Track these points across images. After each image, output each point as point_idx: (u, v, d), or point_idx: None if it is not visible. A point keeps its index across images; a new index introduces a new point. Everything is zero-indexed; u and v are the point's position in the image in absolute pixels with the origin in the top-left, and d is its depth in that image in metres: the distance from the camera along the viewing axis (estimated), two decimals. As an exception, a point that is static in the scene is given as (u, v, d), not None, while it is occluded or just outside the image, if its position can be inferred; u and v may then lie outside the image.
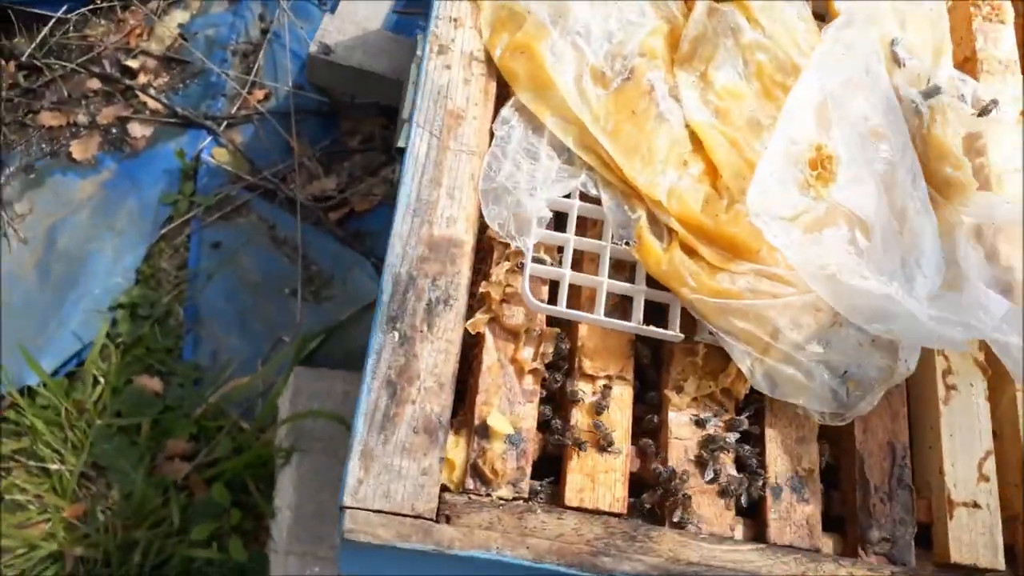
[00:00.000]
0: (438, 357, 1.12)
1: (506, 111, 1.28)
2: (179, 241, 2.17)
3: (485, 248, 1.24)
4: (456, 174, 1.22)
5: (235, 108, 2.37)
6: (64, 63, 2.35)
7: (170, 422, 1.90)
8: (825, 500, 1.19)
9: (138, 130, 2.32)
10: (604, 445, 1.14)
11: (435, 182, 1.21)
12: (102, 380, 1.92)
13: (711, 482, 1.15)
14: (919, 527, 1.17)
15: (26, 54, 2.33)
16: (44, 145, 2.28)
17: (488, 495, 1.10)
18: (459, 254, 1.18)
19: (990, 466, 1.20)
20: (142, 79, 2.39)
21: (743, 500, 1.15)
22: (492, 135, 1.26)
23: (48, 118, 2.31)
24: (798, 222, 1.20)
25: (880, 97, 1.33)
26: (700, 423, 1.18)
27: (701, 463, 1.16)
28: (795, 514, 1.15)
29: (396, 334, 1.12)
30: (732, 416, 1.19)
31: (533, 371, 1.17)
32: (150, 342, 1.99)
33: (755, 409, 1.21)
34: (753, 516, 1.17)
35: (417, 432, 1.08)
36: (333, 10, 2.27)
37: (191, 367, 1.99)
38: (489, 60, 1.31)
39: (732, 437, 1.17)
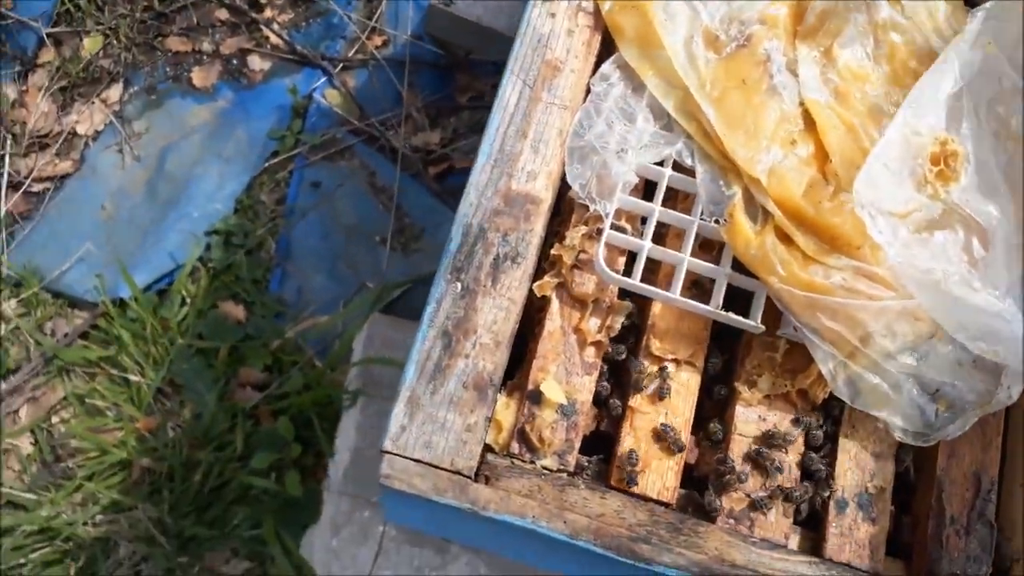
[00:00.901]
0: (498, 314, 1.07)
1: (607, 67, 1.21)
2: (280, 176, 2.19)
3: (566, 209, 1.19)
4: (544, 127, 1.17)
5: (352, 52, 2.37)
6: (197, -10, 2.41)
7: (247, 350, 1.92)
8: (894, 524, 1.09)
9: (257, 63, 2.36)
10: (661, 432, 1.07)
11: (521, 134, 1.16)
12: (188, 301, 1.97)
13: (776, 483, 1.07)
14: (995, 569, 1.06)
15: (164, -22, 2.40)
16: (168, 69, 2.34)
17: (532, 463, 1.05)
18: (534, 211, 1.12)
19: (1086, 516, 1.08)
20: (268, 14, 2.42)
21: (803, 508, 1.07)
22: (588, 91, 1.20)
23: (175, 43, 2.37)
24: (908, 220, 1.09)
25: (1027, 95, 1.20)
26: (768, 422, 1.10)
27: (762, 463, 1.08)
28: (858, 532, 1.06)
29: (459, 285, 1.08)
30: (805, 420, 1.11)
31: (596, 343, 1.11)
32: (239, 270, 2.02)
33: (832, 418, 1.12)
34: (812, 528, 1.09)
35: (467, 387, 1.04)
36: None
37: (275, 300, 2.01)
38: (597, 12, 1.24)
39: (799, 439, 1.09)
